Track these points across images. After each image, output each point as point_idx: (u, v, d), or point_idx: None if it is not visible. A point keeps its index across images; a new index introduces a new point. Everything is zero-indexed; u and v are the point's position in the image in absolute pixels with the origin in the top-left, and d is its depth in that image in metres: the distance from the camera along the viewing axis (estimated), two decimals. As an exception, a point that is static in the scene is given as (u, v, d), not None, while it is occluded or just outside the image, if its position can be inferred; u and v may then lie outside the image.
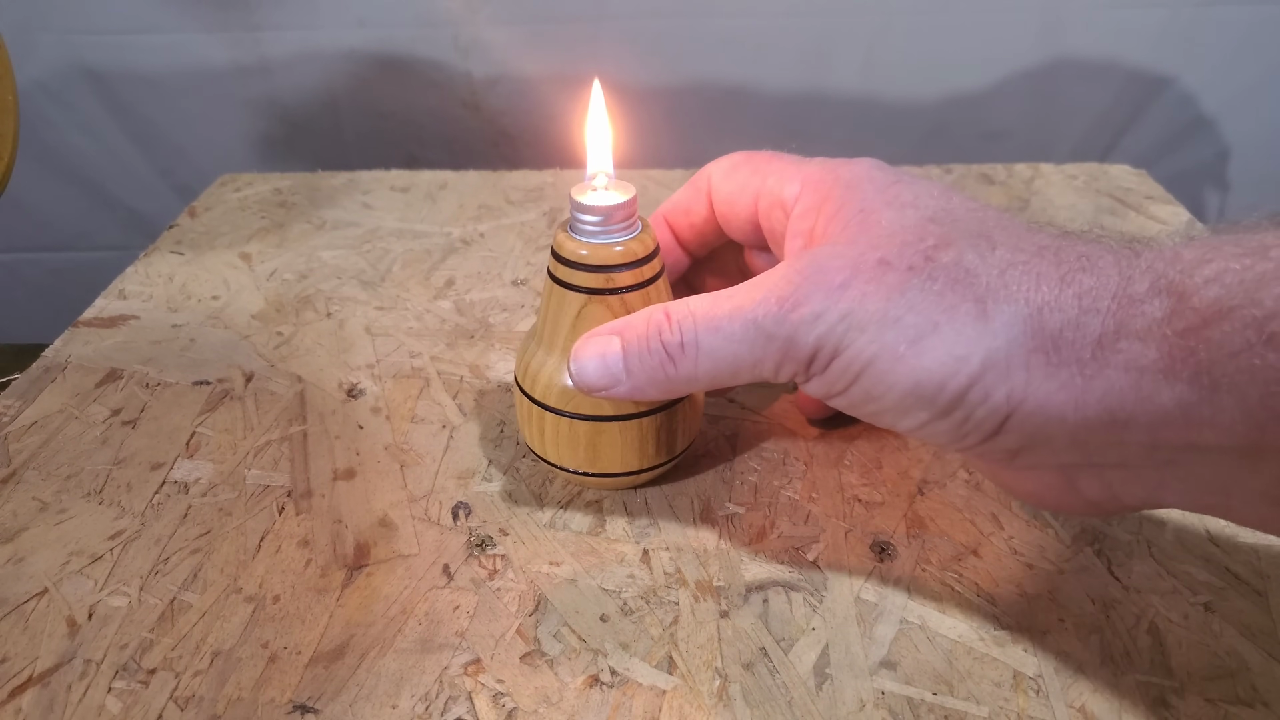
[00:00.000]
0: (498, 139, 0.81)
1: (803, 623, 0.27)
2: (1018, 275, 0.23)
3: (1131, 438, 0.22)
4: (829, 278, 0.25)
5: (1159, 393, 0.21)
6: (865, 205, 0.26)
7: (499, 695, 0.25)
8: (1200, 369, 0.20)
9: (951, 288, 0.23)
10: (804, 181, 0.29)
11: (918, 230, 0.25)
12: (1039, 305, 0.23)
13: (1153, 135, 0.79)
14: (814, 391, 0.26)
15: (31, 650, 0.27)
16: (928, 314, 0.23)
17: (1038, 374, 0.22)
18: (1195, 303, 0.20)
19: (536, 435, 0.31)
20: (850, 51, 0.75)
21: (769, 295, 0.25)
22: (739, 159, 0.32)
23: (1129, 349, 0.21)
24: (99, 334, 0.43)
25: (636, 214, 0.29)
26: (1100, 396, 0.22)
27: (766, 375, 0.26)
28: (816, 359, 0.25)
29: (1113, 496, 0.25)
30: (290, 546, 0.30)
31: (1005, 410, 0.23)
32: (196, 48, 0.76)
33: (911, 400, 0.24)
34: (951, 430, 0.24)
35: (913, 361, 0.23)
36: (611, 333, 0.28)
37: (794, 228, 0.29)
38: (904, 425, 0.25)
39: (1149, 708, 0.25)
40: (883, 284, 0.24)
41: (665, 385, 0.27)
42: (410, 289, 0.46)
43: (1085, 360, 0.22)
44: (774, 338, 0.25)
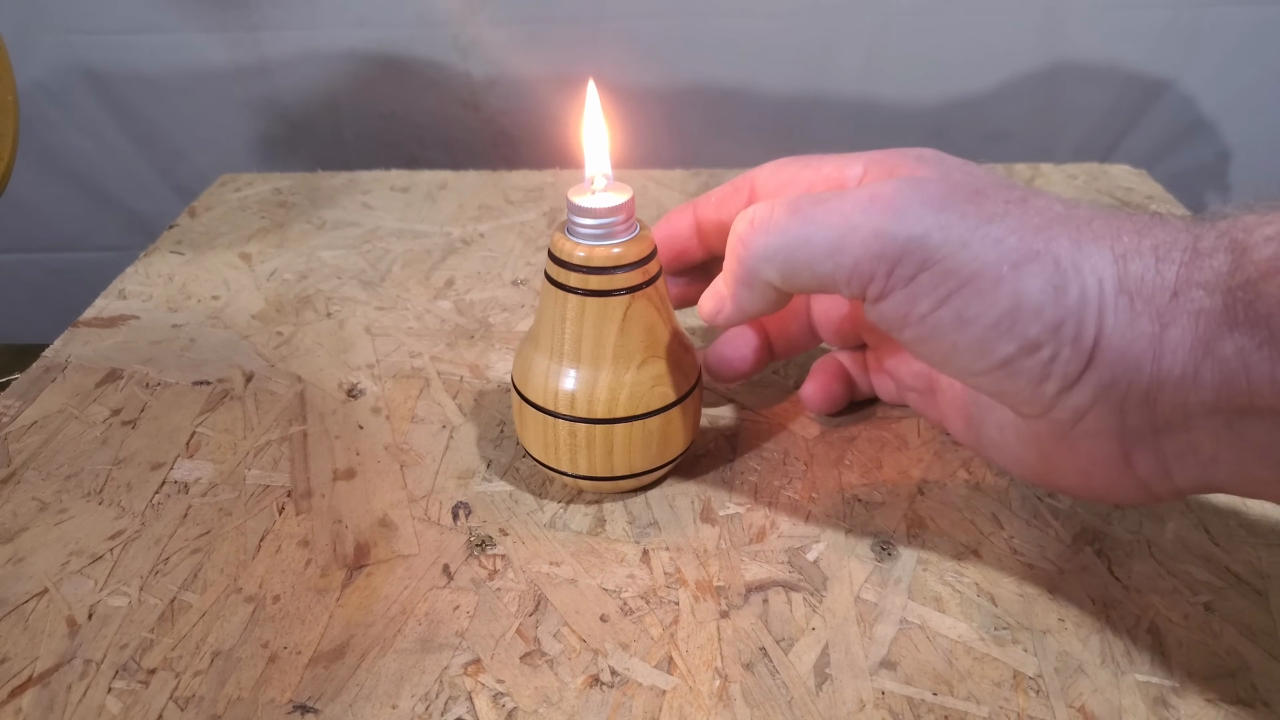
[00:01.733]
0: (497, 139, 0.81)
1: (803, 623, 0.27)
2: (1101, 225, 0.24)
3: (1196, 397, 0.22)
4: (929, 192, 0.24)
5: (1222, 343, 0.21)
6: (942, 169, 0.26)
7: (499, 695, 0.25)
8: (1258, 320, 0.21)
9: (1048, 224, 0.24)
10: (867, 162, 0.29)
11: (1003, 182, 0.25)
12: (1122, 251, 0.23)
13: (1153, 136, 0.79)
14: (890, 313, 0.25)
15: (31, 650, 0.27)
16: (1029, 241, 0.23)
17: (1123, 318, 0.23)
18: (1255, 257, 0.21)
19: (534, 439, 0.31)
20: (850, 52, 0.75)
21: (861, 192, 0.24)
22: (785, 160, 0.31)
23: (1198, 299, 0.22)
24: (99, 334, 0.43)
25: (634, 216, 0.29)
26: (1173, 347, 0.22)
27: (841, 275, 0.25)
28: (903, 263, 0.23)
29: (1166, 474, 0.24)
30: (290, 546, 0.30)
31: (1091, 349, 0.23)
32: (196, 48, 0.76)
33: (1006, 325, 0.23)
34: (1034, 370, 0.23)
35: (1015, 283, 0.23)
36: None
37: None
38: (984, 362, 0.24)
39: (1149, 708, 0.25)
40: (983, 208, 0.24)
41: (744, 275, 0.27)
42: (410, 289, 0.46)
43: (1163, 308, 0.22)
44: (859, 228, 0.24)
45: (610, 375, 0.29)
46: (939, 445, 0.35)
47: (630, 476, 0.31)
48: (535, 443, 0.31)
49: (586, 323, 0.29)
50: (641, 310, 0.29)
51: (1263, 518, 0.31)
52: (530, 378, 0.30)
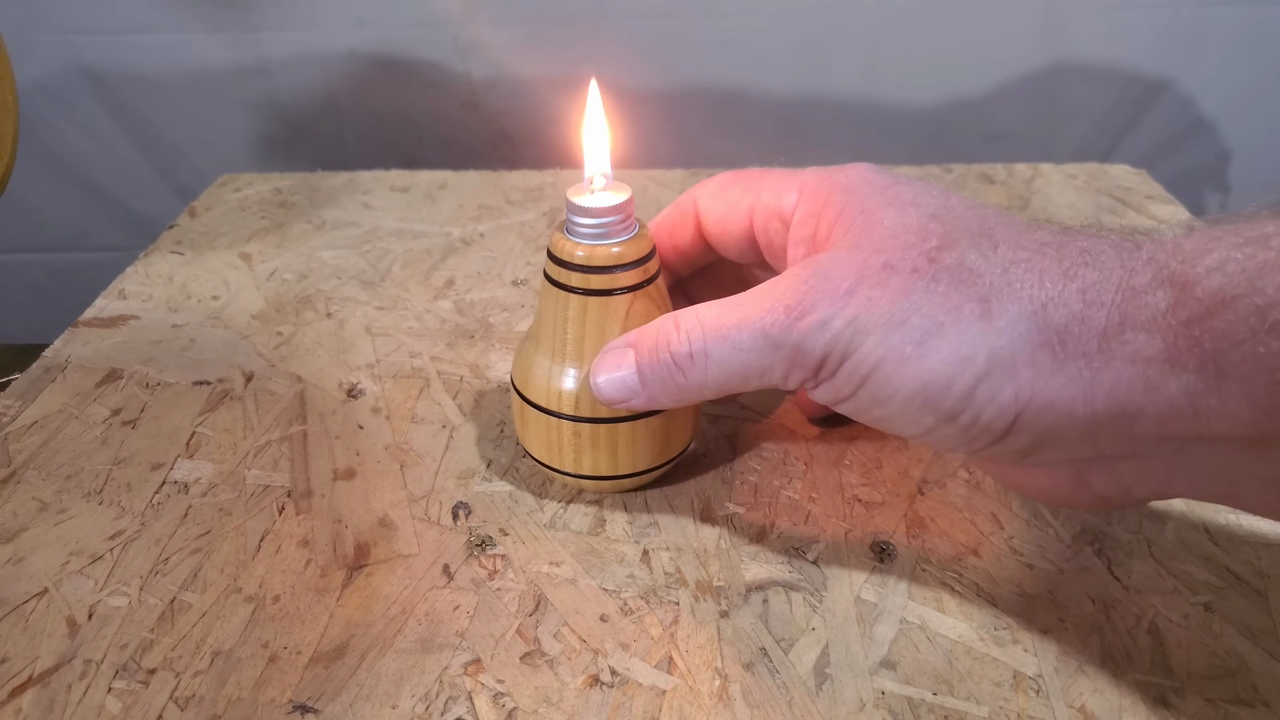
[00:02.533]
0: (497, 139, 0.81)
1: (803, 623, 0.27)
2: (1020, 273, 0.23)
3: (1141, 430, 0.22)
4: (835, 284, 0.25)
5: (1166, 383, 0.21)
6: (866, 207, 0.26)
7: (499, 695, 0.25)
8: (1206, 358, 0.20)
9: (955, 288, 0.23)
10: (801, 190, 0.29)
11: (920, 230, 0.25)
12: (1043, 301, 0.23)
13: (1153, 137, 0.79)
14: (822, 398, 0.26)
15: (31, 650, 0.27)
16: (933, 315, 0.23)
17: (1045, 370, 0.22)
18: (1198, 293, 0.20)
19: (534, 439, 0.31)
20: (850, 53, 0.75)
21: (776, 304, 0.25)
22: (726, 179, 0.32)
23: (1134, 340, 0.21)
24: (99, 334, 0.43)
25: (633, 215, 0.29)
26: (1109, 389, 0.22)
27: (775, 382, 0.26)
28: (825, 365, 0.25)
29: (1123, 490, 0.25)
30: (290, 546, 0.30)
31: (1014, 409, 0.23)
32: (196, 48, 0.76)
33: (919, 403, 0.24)
34: (960, 434, 0.24)
35: (918, 363, 0.23)
36: (626, 344, 0.28)
37: (795, 235, 0.29)
38: (911, 431, 0.25)
39: (1149, 708, 0.25)
40: (888, 288, 0.24)
41: (677, 394, 0.28)
42: (410, 289, 0.46)
43: (1092, 354, 0.22)
44: (782, 346, 0.25)
45: None
46: (939, 445, 0.35)
47: (633, 475, 0.31)
48: (536, 443, 0.31)
49: (587, 322, 0.29)
50: (642, 309, 0.29)
51: (1263, 517, 0.31)
52: (531, 378, 0.30)
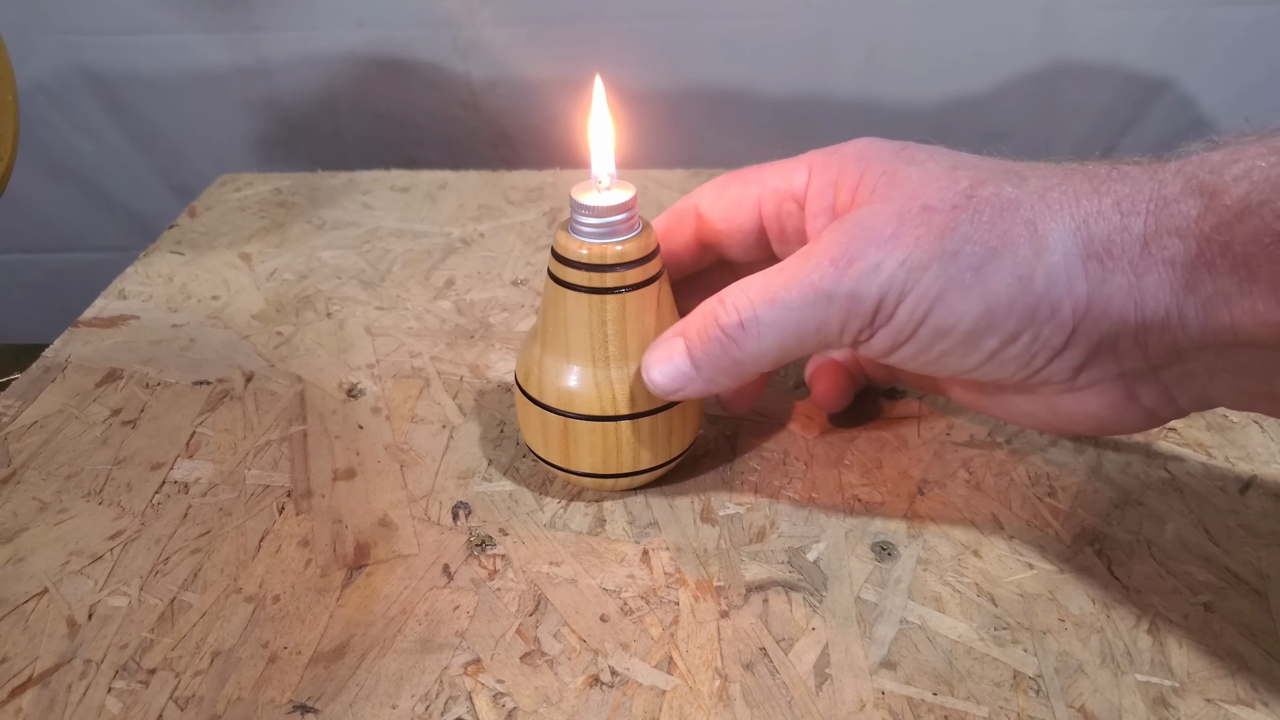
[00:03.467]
0: (497, 140, 0.81)
1: (803, 623, 0.27)
2: (1057, 196, 0.24)
3: (1184, 335, 0.23)
4: (877, 231, 0.25)
5: (1201, 285, 0.22)
6: (886, 168, 0.27)
7: (499, 695, 0.25)
8: (1237, 262, 0.21)
9: (1000, 215, 0.24)
10: (810, 167, 0.29)
11: (948, 176, 0.25)
12: (1083, 217, 0.24)
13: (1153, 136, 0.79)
14: (880, 345, 0.26)
15: (31, 650, 0.27)
16: (984, 242, 0.24)
17: (1096, 280, 0.23)
18: (1226, 200, 0.21)
19: (537, 436, 0.31)
20: (851, 53, 0.75)
21: (822, 259, 0.25)
22: (725, 179, 0.32)
23: (1171, 246, 0.22)
24: (99, 334, 0.43)
25: (637, 214, 0.29)
26: (1154, 293, 0.23)
27: (831, 338, 0.26)
28: (881, 309, 0.25)
29: (1169, 400, 0.26)
30: (290, 546, 0.30)
31: (1072, 321, 0.24)
32: (196, 49, 0.76)
33: (983, 326, 0.24)
34: (1020, 353, 0.25)
35: (979, 288, 0.24)
36: (674, 334, 0.28)
37: (812, 209, 0.29)
38: (973, 360, 0.25)
39: (1149, 708, 0.25)
40: (932, 226, 0.24)
41: (734, 369, 0.27)
42: (410, 289, 0.46)
43: (1135, 260, 0.23)
44: (835, 297, 0.25)
45: (615, 372, 0.29)
46: (939, 445, 0.35)
47: (637, 473, 0.31)
48: (540, 442, 0.31)
49: (591, 320, 0.29)
50: (646, 307, 0.29)
51: (1263, 517, 0.31)
52: (534, 377, 0.30)
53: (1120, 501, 0.32)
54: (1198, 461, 0.33)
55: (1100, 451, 0.34)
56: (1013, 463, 0.34)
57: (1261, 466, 0.33)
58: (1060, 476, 0.33)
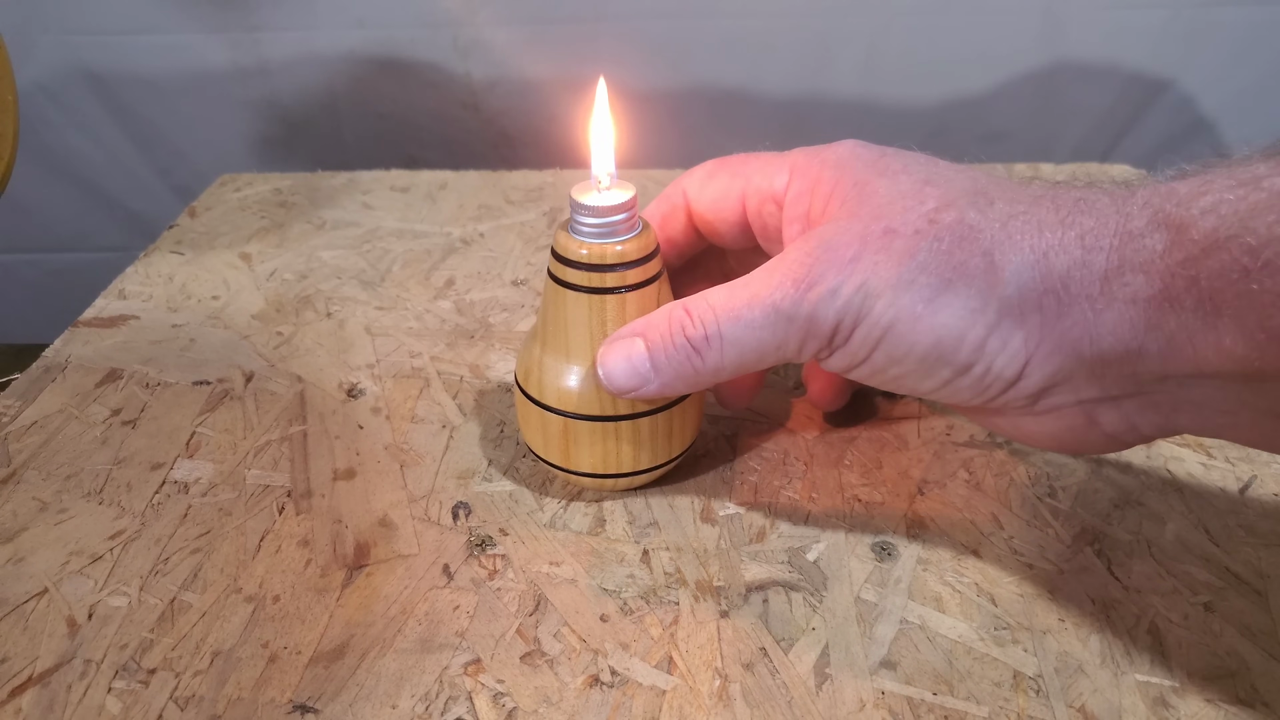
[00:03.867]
0: (497, 140, 0.81)
1: (803, 623, 0.27)
2: (1020, 224, 0.24)
3: (1144, 368, 0.23)
4: (840, 253, 0.25)
5: (1165, 322, 0.22)
6: (859, 179, 0.27)
7: (499, 695, 0.25)
8: (1203, 297, 0.21)
9: (959, 244, 0.24)
10: (791, 170, 0.29)
11: (916, 194, 0.25)
12: (1044, 250, 0.23)
13: (1153, 137, 0.79)
14: (837, 365, 0.27)
15: (31, 650, 0.27)
16: (939, 273, 0.24)
17: (1051, 315, 0.23)
18: (1194, 234, 0.21)
19: (537, 436, 0.31)
20: (850, 53, 0.75)
21: (784, 278, 0.26)
22: (712, 166, 0.32)
23: (1134, 282, 0.22)
24: (99, 334, 0.43)
25: (637, 214, 0.29)
26: (1112, 329, 0.23)
27: (790, 356, 0.27)
28: (838, 333, 0.25)
29: (1131, 427, 0.25)
30: (290, 546, 0.30)
31: (1024, 355, 0.24)
32: (196, 49, 0.76)
33: (933, 358, 0.25)
34: (974, 384, 0.25)
35: (930, 320, 0.24)
36: (633, 334, 0.28)
37: (789, 214, 0.29)
38: (927, 386, 0.26)
39: (1149, 708, 0.25)
40: (892, 251, 0.24)
41: (693, 379, 0.28)
42: (410, 289, 0.46)
43: (1094, 296, 0.23)
44: (794, 319, 0.25)
45: None
46: (939, 445, 0.35)
47: (637, 473, 0.31)
48: (541, 442, 0.31)
49: (592, 320, 0.29)
50: (646, 307, 0.29)
51: (1263, 517, 0.31)
52: (535, 377, 0.30)
53: (1120, 501, 0.32)
54: (1198, 461, 0.33)
55: (1100, 452, 0.34)
56: (1013, 463, 0.34)
57: (1261, 467, 0.33)
58: (1060, 476, 0.33)
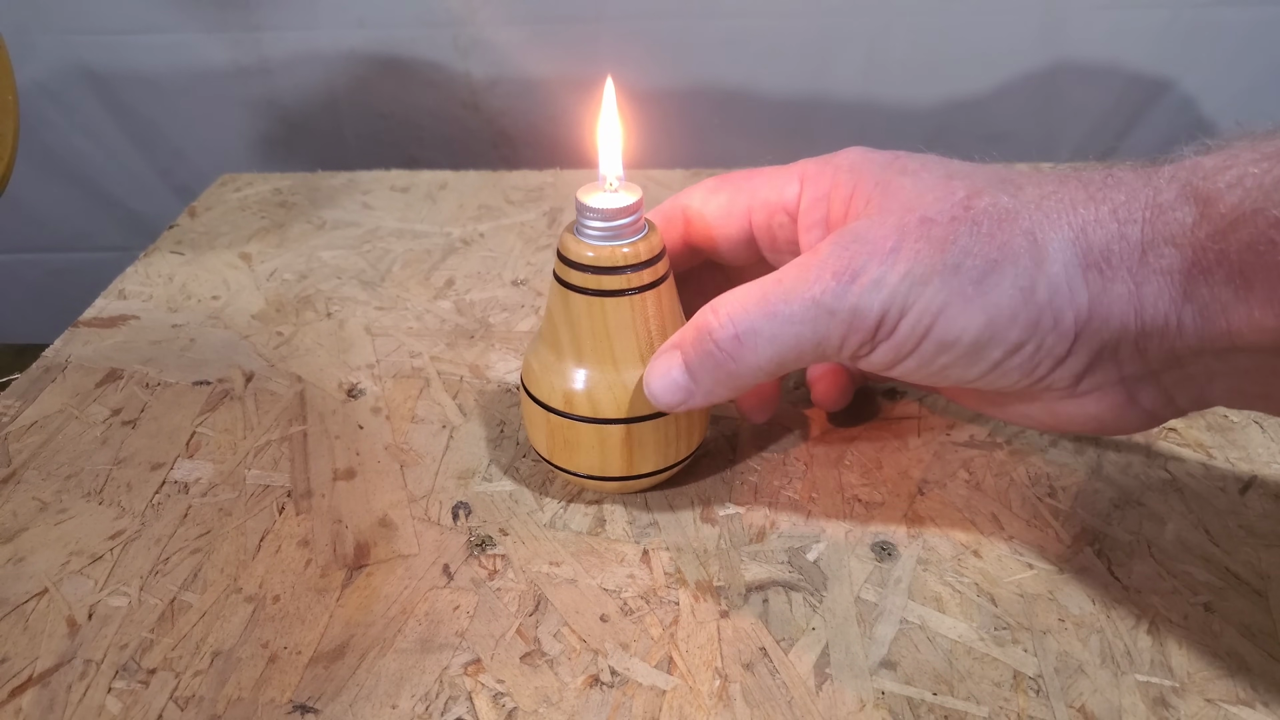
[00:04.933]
0: (497, 140, 0.81)
1: (803, 623, 0.27)
2: (1053, 204, 0.24)
3: (1181, 342, 0.23)
4: (878, 244, 0.25)
5: (1198, 293, 0.22)
6: (880, 179, 0.27)
7: (499, 695, 0.25)
8: (1233, 270, 0.21)
9: (999, 227, 0.24)
10: (802, 179, 0.29)
11: (943, 186, 0.25)
12: (1081, 226, 0.24)
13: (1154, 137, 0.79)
14: (880, 360, 0.26)
15: (31, 650, 0.27)
16: (984, 255, 0.24)
17: (1097, 289, 0.23)
18: (1221, 208, 0.21)
19: (541, 438, 0.31)
20: (851, 53, 0.75)
21: (823, 272, 0.25)
22: (713, 183, 0.32)
23: (1167, 254, 0.22)
24: (99, 334, 0.43)
25: (643, 216, 0.29)
26: (1153, 300, 0.23)
27: (830, 352, 0.26)
28: (883, 325, 0.25)
29: (1169, 401, 0.26)
30: (290, 546, 0.30)
31: (1073, 330, 0.24)
32: (196, 48, 0.76)
33: (985, 339, 0.24)
34: (1024, 364, 0.25)
35: (981, 300, 0.24)
36: (672, 347, 0.28)
37: (805, 222, 0.29)
38: (975, 372, 0.25)
39: (1149, 708, 0.25)
40: (932, 239, 0.24)
41: (731, 381, 0.27)
42: (410, 289, 0.46)
43: (1134, 268, 0.23)
44: (837, 312, 0.25)
45: (621, 375, 0.29)
46: (939, 445, 0.35)
47: (641, 477, 0.31)
48: (544, 444, 0.31)
49: (597, 323, 0.29)
50: (653, 309, 0.29)
51: (1263, 517, 0.31)
52: (541, 380, 0.30)
53: (1120, 501, 0.32)
54: (1198, 461, 0.33)
55: (1100, 451, 0.34)
56: (1013, 463, 0.34)
57: (1261, 467, 0.33)
58: (1060, 476, 0.33)
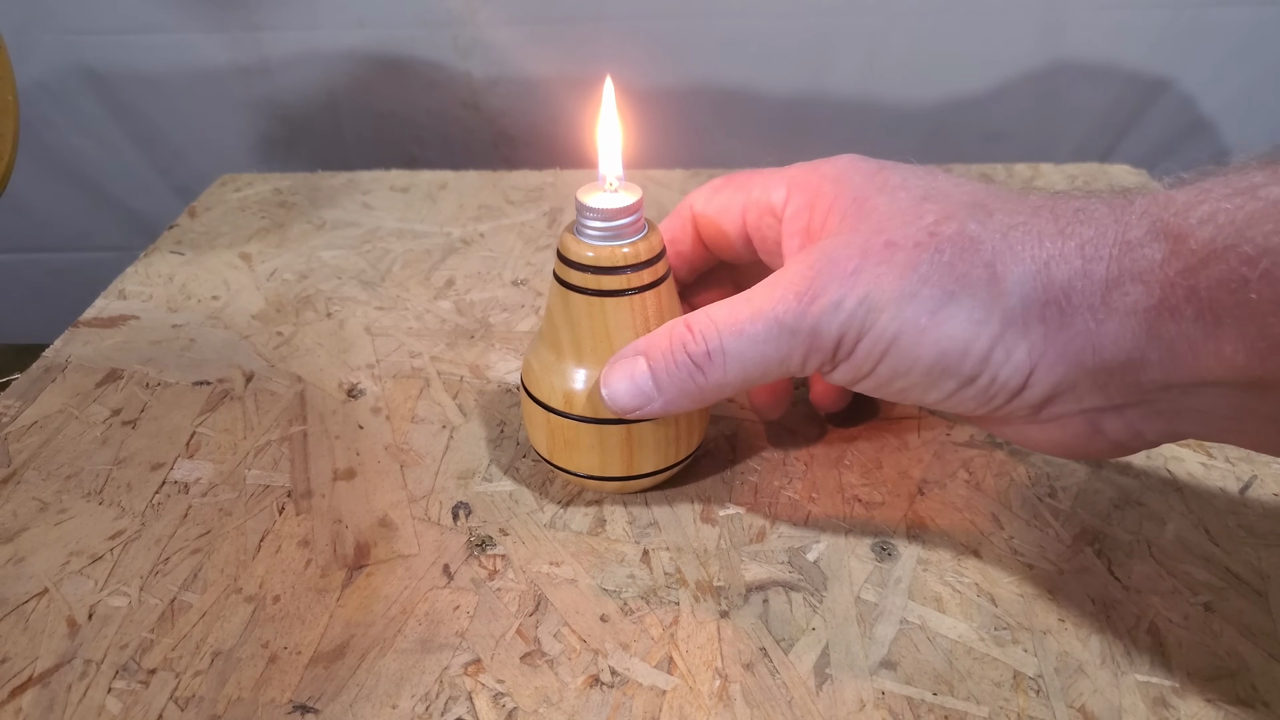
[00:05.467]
0: (497, 139, 0.81)
1: (803, 623, 0.27)
2: (1020, 235, 0.24)
3: (1146, 377, 0.23)
4: (841, 266, 0.25)
5: (1165, 331, 0.22)
6: (858, 195, 0.27)
7: (499, 695, 0.25)
8: (1203, 308, 0.21)
9: (960, 256, 0.24)
10: (790, 184, 0.29)
11: (915, 209, 0.25)
12: (1044, 260, 0.23)
13: (1153, 137, 0.79)
14: (841, 378, 0.27)
15: (31, 650, 0.27)
16: (942, 285, 0.24)
17: (1054, 325, 0.23)
18: (1192, 244, 0.21)
19: (542, 438, 0.31)
20: (851, 53, 0.75)
21: (786, 292, 0.25)
22: (718, 182, 0.32)
23: (1134, 292, 0.22)
24: (99, 334, 0.43)
25: (643, 216, 0.29)
26: (1114, 339, 0.23)
27: (794, 370, 0.27)
28: (841, 346, 0.25)
29: (1136, 434, 0.25)
30: (290, 546, 0.30)
31: (1028, 365, 0.24)
32: (196, 48, 0.76)
33: (938, 370, 0.25)
34: (978, 395, 0.25)
35: (934, 332, 0.24)
36: (635, 353, 0.28)
37: (788, 229, 0.29)
38: (932, 397, 0.26)
39: (1149, 708, 0.25)
40: (894, 264, 0.24)
41: (697, 396, 0.27)
42: (410, 289, 0.46)
43: (1096, 306, 0.23)
44: (798, 332, 0.25)
45: None
46: (939, 445, 0.35)
47: (641, 477, 0.31)
48: (544, 444, 0.31)
49: (598, 323, 0.29)
50: (653, 309, 0.29)
51: (1263, 517, 0.31)
52: (541, 380, 0.30)
53: (1120, 501, 0.32)
54: (1198, 461, 0.33)
55: (1100, 452, 0.34)
56: (1013, 463, 0.34)
57: (1261, 467, 0.33)
58: (1060, 476, 0.33)
